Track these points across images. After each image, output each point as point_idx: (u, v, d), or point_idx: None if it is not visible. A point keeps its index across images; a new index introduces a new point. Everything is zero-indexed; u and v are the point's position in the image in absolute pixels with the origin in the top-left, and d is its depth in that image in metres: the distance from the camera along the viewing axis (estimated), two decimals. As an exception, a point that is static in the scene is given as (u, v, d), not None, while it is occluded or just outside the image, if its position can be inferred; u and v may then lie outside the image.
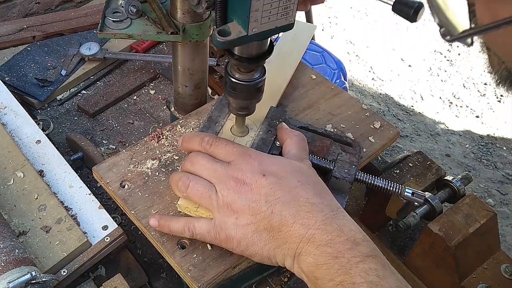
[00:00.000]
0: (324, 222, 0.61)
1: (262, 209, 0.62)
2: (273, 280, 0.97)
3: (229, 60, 0.68)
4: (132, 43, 1.46)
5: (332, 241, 0.59)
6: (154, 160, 0.79)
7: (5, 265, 0.70)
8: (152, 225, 0.69)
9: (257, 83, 0.69)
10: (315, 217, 0.61)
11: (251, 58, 0.65)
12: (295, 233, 0.61)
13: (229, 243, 0.64)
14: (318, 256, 0.59)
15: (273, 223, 0.62)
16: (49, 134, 1.22)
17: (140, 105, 1.36)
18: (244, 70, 0.68)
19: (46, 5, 1.73)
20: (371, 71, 2.86)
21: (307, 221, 0.61)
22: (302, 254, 0.60)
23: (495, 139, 2.54)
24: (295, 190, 0.63)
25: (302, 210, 0.62)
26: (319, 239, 0.59)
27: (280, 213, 0.62)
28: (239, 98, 0.71)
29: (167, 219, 0.69)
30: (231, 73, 0.69)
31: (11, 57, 1.39)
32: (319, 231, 0.60)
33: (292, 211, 0.62)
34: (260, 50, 0.66)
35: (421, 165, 1.04)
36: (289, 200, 0.62)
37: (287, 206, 0.62)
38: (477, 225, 0.94)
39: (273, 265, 0.65)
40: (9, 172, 0.89)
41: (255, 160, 0.66)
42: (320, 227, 0.60)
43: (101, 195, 1.10)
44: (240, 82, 0.69)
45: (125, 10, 0.81)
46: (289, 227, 0.61)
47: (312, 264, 0.59)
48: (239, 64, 0.67)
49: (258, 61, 0.66)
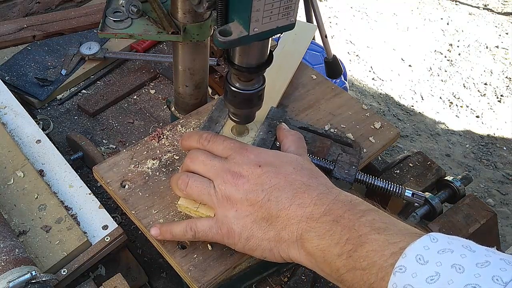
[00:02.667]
0: (319, 197, 0.61)
1: (259, 198, 0.62)
2: (273, 280, 0.97)
3: (229, 70, 0.68)
4: (132, 43, 1.46)
5: (330, 210, 0.59)
6: (155, 160, 0.79)
7: (5, 264, 0.70)
8: (154, 234, 0.69)
9: (257, 92, 0.70)
10: (310, 195, 0.61)
11: (251, 67, 0.66)
12: (292, 215, 0.61)
13: (230, 237, 0.64)
14: (319, 228, 0.58)
15: (270, 210, 0.62)
16: (49, 133, 1.22)
17: (141, 105, 1.36)
18: (244, 79, 0.69)
19: (46, 5, 1.73)
20: (371, 71, 2.86)
21: (302, 201, 0.61)
22: (303, 232, 0.60)
23: (495, 139, 2.54)
24: (291, 175, 0.64)
25: (297, 192, 0.62)
26: (316, 213, 0.59)
27: (276, 199, 0.62)
28: (240, 106, 0.72)
29: (168, 225, 0.69)
30: (231, 82, 0.69)
31: (11, 56, 1.39)
32: (315, 206, 0.60)
33: (288, 195, 0.62)
34: (260, 60, 0.66)
35: (421, 165, 1.04)
36: (285, 185, 0.63)
37: (283, 191, 0.62)
38: (477, 225, 0.94)
39: (276, 261, 0.64)
40: (9, 172, 0.89)
41: (252, 153, 0.66)
42: (316, 202, 0.60)
43: (101, 195, 1.10)
44: (240, 91, 0.69)
45: (125, 10, 0.81)
46: (287, 211, 0.61)
47: (315, 237, 0.58)
48: (239, 73, 0.67)
49: (258, 70, 0.67)
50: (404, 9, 3.43)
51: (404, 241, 0.52)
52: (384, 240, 0.53)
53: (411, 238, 0.51)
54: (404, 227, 0.55)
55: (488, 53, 3.20)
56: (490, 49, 3.23)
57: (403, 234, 0.53)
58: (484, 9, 3.61)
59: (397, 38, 3.17)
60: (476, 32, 3.37)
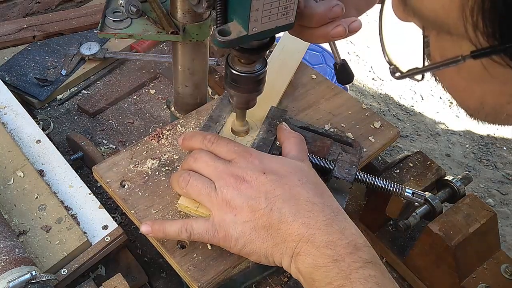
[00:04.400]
0: (325, 223, 0.60)
1: (261, 206, 0.62)
2: (273, 280, 0.97)
3: (230, 52, 0.68)
4: (132, 43, 1.46)
5: (333, 243, 0.59)
6: (154, 160, 0.79)
7: (5, 264, 0.70)
8: (145, 231, 0.67)
9: (258, 75, 0.69)
10: (316, 216, 0.60)
11: (253, 49, 0.65)
12: (294, 232, 0.60)
13: (227, 241, 0.64)
14: (317, 258, 0.58)
15: (271, 220, 0.61)
16: (49, 133, 1.22)
17: (140, 105, 1.36)
18: (246, 62, 0.68)
19: (46, 5, 1.73)
20: (371, 71, 2.86)
21: (307, 220, 0.60)
22: (301, 254, 0.59)
23: (495, 139, 2.54)
24: (296, 188, 0.63)
25: (302, 209, 0.61)
26: (319, 240, 0.59)
27: (279, 211, 0.61)
28: (240, 90, 0.71)
29: (160, 223, 0.67)
30: (232, 65, 0.69)
31: (11, 56, 1.39)
32: (319, 231, 0.59)
33: (292, 209, 0.61)
34: (261, 41, 0.65)
35: (421, 165, 1.04)
36: (289, 198, 0.62)
37: (287, 204, 0.62)
38: (477, 225, 0.94)
39: (269, 265, 0.65)
40: (9, 172, 0.89)
41: (256, 158, 0.66)
42: (321, 227, 0.60)
43: (101, 195, 1.10)
44: (242, 74, 0.68)
45: (125, 10, 0.81)
46: (288, 225, 0.60)
47: (311, 265, 0.59)
48: (241, 55, 0.66)
49: (259, 52, 0.66)
50: (404, 9, 3.41)
51: None
52: None
53: None
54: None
55: (488, 53, 3.19)
56: (490, 49, 3.22)
57: None
58: (484, 9, 3.61)
59: (397, 38, 3.17)
60: (476, 32, 3.36)
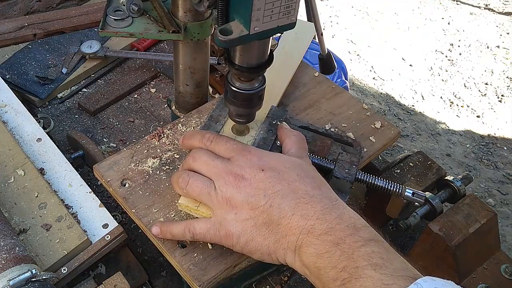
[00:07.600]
0: (323, 212, 0.60)
1: (261, 203, 0.62)
2: (273, 279, 0.97)
3: (230, 70, 0.68)
4: (133, 42, 1.46)
5: (332, 229, 0.59)
6: (155, 159, 0.79)
7: (6, 263, 0.70)
8: (155, 233, 0.69)
9: (258, 92, 0.70)
10: (314, 208, 0.61)
11: (252, 67, 0.66)
12: (294, 225, 0.60)
13: (229, 240, 0.64)
14: (319, 246, 0.58)
15: (272, 216, 0.62)
16: (50, 132, 1.22)
17: (141, 104, 1.36)
18: (245, 79, 0.69)
19: (47, 3, 1.73)
20: (372, 70, 2.86)
21: (306, 212, 0.61)
22: (303, 245, 0.60)
23: (495, 139, 2.54)
24: (294, 183, 0.63)
25: (301, 202, 0.61)
26: (318, 229, 0.59)
27: (279, 206, 0.62)
28: (240, 106, 0.72)
29: (168, 224, 0.69)
30: (232, 82, 0.70)
31: (12, 55, 1.39)
32: (318, 221, 0.60)
33: (291, 203, 0.61)
34: (260, 60, 0.66)
35: (421, 165, 1.04)
36: (288, 193, 0.62)
37: (286, 199, 0.62)
38: (477, 225, 0.94)
39: (273, 263, 0.65)
40: (10, 170, 0.89)
41: (255, 155, 0.66)
42: (320, 217, 0.60)
43: (102, 194, 1.10)
44: (241, 91, 0.69)
45: (126, 9, 0.81)
46: (288, 220, 0.61)
47: (314, 254, 0.59)
48: (240, 73, 0.67)
49: (258, 70, 0.67)
50: (405, 9, 3.42)
51: (396, 284, 0.52)
52: (378, 280, 0.53)
53: (404, 282, 0.52)
54: (400, 266, 0.55)
55: (489, 53, 3.20)
56: (491, 49, 3.23)
57: (398, 275, 0.54)
58: (485, 9, 3.61)
59: (398, 37, 3.17)
60: (477, 32, 3.37)
